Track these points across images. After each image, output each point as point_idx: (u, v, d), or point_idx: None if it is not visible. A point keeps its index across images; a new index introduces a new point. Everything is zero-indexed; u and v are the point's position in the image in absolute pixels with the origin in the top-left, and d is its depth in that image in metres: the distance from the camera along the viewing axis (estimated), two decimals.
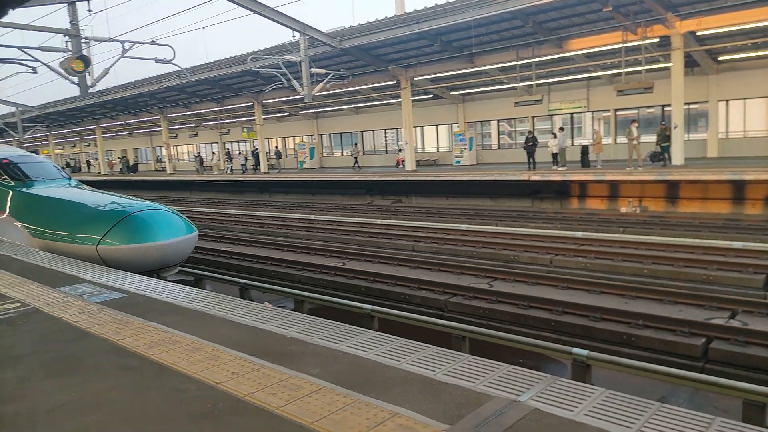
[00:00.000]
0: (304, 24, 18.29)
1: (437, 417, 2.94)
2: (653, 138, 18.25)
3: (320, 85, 21.43)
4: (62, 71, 10.83)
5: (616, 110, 22.71)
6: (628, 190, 16.54)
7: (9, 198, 9.96)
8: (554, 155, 19.55)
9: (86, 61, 10.52)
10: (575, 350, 5.60)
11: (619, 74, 18.20)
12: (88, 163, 52.54)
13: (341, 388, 3.37)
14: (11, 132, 39.90)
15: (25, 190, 10.05)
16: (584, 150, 19.57)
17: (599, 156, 18.89)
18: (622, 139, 21.17)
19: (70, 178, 11.08)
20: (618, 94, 17.72)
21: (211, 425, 3.01)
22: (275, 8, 16.74)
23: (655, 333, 6.39)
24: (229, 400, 3.31)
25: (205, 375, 3.70)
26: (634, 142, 17.30)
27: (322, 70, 21.06)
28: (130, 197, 10.06)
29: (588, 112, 23.55)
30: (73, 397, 3.50)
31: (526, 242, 11.44)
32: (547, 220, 14.97)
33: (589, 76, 21.85)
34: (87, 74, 11.55)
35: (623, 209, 16.32)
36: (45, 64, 11.52)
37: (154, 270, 8.55)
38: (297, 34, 18.94)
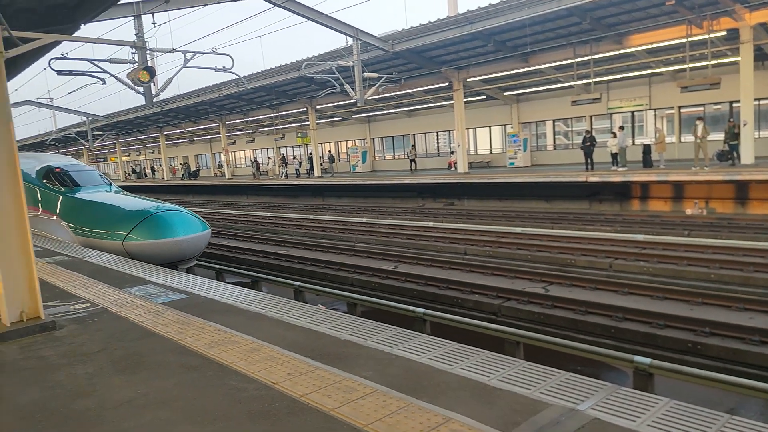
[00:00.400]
0: (357, 29, 18.50)
1: (492, 423, 2.90)
2: (720, 136, 17.33)
3: (372, 89, 21.59)
4: (129, 82, 11.41)
5: (680, 107, 21.71)
6: (694, 191, 15.77)
7: (59, 202, 11.69)
8: (614, 155, 18.89)
9: (152, 72, 11.05)
10: (637, 358, 5.38)
11: (684, 70, 17.41)
12: (153, 170, 55.04)
13: (394, 391, 3.38)
14: (81, 140, 42.36)
15: (71, 194, 11.67)
16: (646, 149, 18.81)
17: (662, 155, 18.11)
18: (687, 138, 20.22)
19: (111, 184, 12.72)
20: (682, 91, 16.92)
21: (269, 424, 3.08)
22: (329, 15, 17.03)
23: (723, 341, 6.06)
24: (286, 400, 3.38)
25: (263, 375, 3.79)
26: (700, 140, 16.48)
27: (375, 74, 21.22)
28: (157, 200, 11.53)
29: (650, 109, 22.63)
30: (139, 393, 3.67)
31: (583, 245, 11.11)
32: (605, 223, 14.49)
33: (651, 73, 20.99)
34: (152, 84, 12.10)
35: (688, 211, 15.56)
36: (113, 76, 12.18)
37: (173, 262, 9.71)
38: (350, 39, 19.18)
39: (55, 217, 11.64)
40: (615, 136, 19.07)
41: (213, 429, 3.09)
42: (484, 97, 26.36)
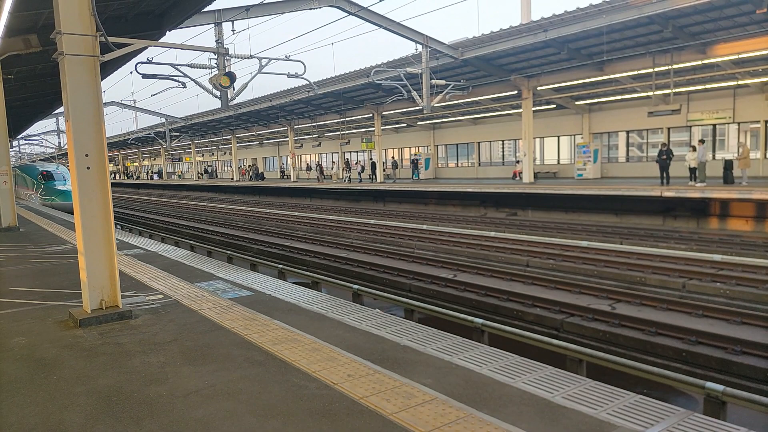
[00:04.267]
0: (426, 36, 18.55)
1: None
2: None
3: (440, 97, 21.57)
4: (209, 86, 11.96)
5: (766, 122, 20.34)
6: None
7: (42, 187, 26.51)
8: (692, 170, 17.94)
9: (232, 78, 11.52)
10: (709, 384, 5.07)
11: None
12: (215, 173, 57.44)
13: (454, 400, 3.36)
14: (160, 140, 44.72)
15: (45, 184, 26.40)
16: (727, 165, 17.74)
17: (745, 172, 17.02)
18: None
19: (66, 180, 26.08)
20: None
21: (328, 423, 3.14)
22: (400, 23, 17.17)
23: None
24: (345, 401, 3.43)
25: (324, 375, 3.86)
26: None
27: (442, 82, 21.19)
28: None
29: (733, 123, 21.33)
30: (206, 384, 3.83)
31: (655, 263, 10.59)
32: (680, 241, 13.75)
33: (737, 84, 19.80)
34: (230, 89, 12.62)
35: None
36: (193, 80, 12.81)
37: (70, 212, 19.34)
38: (419, 47, 19.25)
39: (36, 194, 26.84)
40: (694, 149, 18.11)
41: (275, 424, 3.17)
42: (554, 106, 25.73)
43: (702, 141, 19.20)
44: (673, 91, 18.88)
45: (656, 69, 17.79)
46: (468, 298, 9.11)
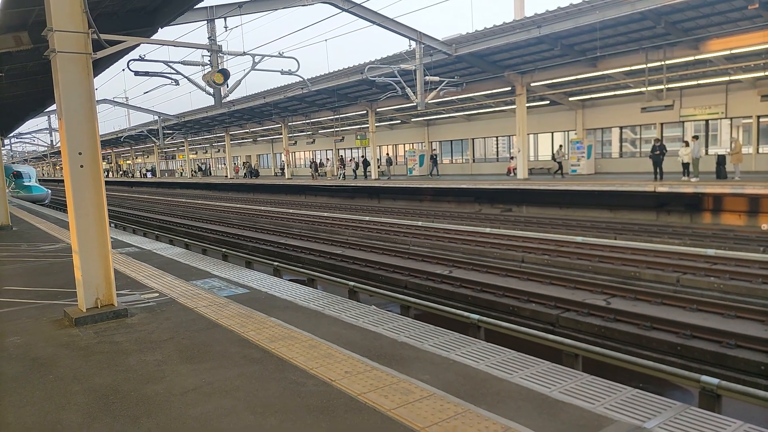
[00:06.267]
0: (420, 33, 18.53)
1: None
2: None
3: (434, 93, 21.55)
4: (203, 83, 11.92)
5: (759, 117, 20.46)
6: None
7: (13, 184, 33.22)
8: (685, 165, 18.02)
9: (226, 75, 11.47)
10: (704, 378, 5.11)
11: (765, 77, 16.39)
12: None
13: (452, 396, 3.36)
14: (153, 138, 44.47)
15: (15, 181, 33.69)
16: (720, 160, 17.83)
17: (738, 167, 17.12)
18: (766, 149, 19.04)
19: (31, 177, 35.34)
20: (762, 99, 15.98)
21: (326, 420, 3.14)
22: (393, 19, 17.13)
23: None
24: (343, 397, 3.43)
25: (321, 371, 3.86)
26: None
27: (436, 78, 21.17)
28: (39, 185, 36.71)
29: (725, 118, 21.45)
30: (204, 381, 3.82)
31: (649, 258, 10.65)
32: (674, 236, 13.83)
33: (729, 80, 19.90)
34: (223, 86, 12.57)
35: (765, 226, 14.64)
36: (186, 77, 12.74)
37: (32, 201, 31.02)
38: (413, 43, 19.22)
39: (8, 189, 27.27)
40: (687, 145, 18.20)
41: (273, 421, 3.17)
42: (548, 102, 25.79)
43: (696, 137, 19.31)
44: (666, 86, 18.96)
45: (649, 65, 17.84)
46: (464, 295, 9.13)
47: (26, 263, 9.04)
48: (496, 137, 31.64)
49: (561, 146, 23.92)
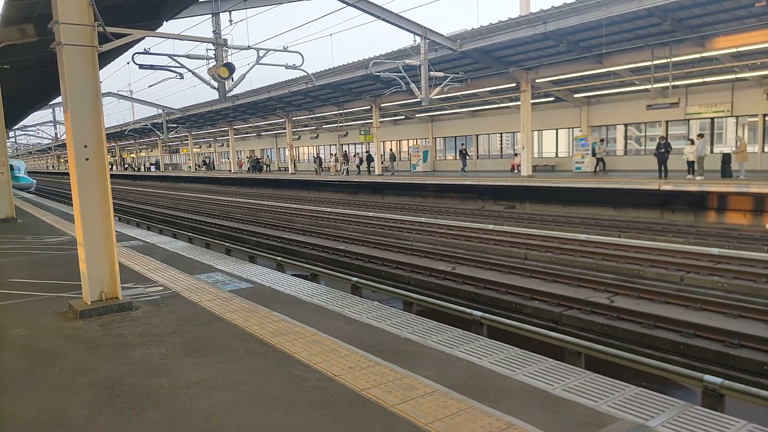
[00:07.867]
0: (425, 28, 18.45)
1: None
2: None
3: (438, 89, 21.49)
4: (208, 77, 11.91)
5: (765, 115, 20.35)
6: None
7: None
8: (690, 163, 17.95)
9: (231, 69, 11.44)
10: (707, 377, 5.11)
11: None
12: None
13: (455, 392, 3.37)
14: (157, 132, 44.52)
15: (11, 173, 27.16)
16: (725, 158, 17.76)
17: (743, 165, 17.04)
18: None
19: (21, 169, 36.80)
20: None
21: (330, 414, 3.15)
22: (399, 14, 17.06)
23: None
24: (347, 392, 3.44)
25: (324, 366, 3.88)
26: None
27: (441, 74, 21.11)
28: (28, 176, 40.20)
29: (731, 116, 21.34)
30: (208, 375, 3.84)
31: (653, 256, 10.63)
32: (678, 234, 13.79)
33: (735, 78, 19.78)
34: (228, 80, 12.55)
35: None
36: (190, 71, 12.73)
37: (21, 190, 33.03)
38: (418, 38, 19.15)
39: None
40: (692, 143, 18.12)
41: (277, 415, 3.19)
42: (552, 98, 25.69)
43: (701, 135, 19.22)
44: (672, 84, 18.84)
45: (655, 62, 17.74)
46: (467, 291, 9.14)
47: (31, 255, 9.08)
48: (500, 134, 31.56)
49: (602, 140, 23.50)
